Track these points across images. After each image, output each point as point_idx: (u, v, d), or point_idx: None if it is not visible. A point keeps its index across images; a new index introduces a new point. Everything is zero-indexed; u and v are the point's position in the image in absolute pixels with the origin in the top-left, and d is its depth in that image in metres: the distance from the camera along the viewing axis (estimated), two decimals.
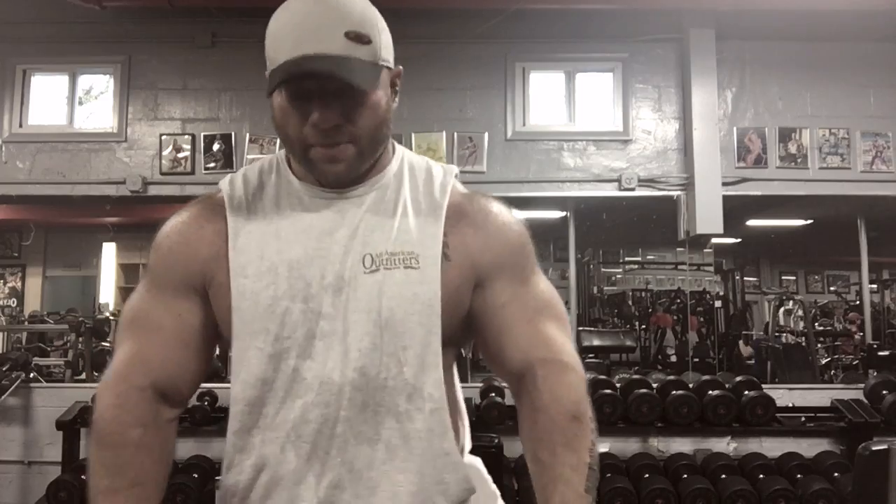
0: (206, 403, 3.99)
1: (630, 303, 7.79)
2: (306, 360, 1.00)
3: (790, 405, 3.99)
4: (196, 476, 3.75)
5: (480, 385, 4.03)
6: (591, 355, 5.59)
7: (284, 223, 1.05)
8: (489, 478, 1.16)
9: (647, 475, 3.68)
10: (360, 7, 1.00)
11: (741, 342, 6.69)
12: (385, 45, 1.03)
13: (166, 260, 1.08)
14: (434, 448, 1.02)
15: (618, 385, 3.94)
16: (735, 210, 4.81)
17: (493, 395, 3.90)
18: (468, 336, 1.12)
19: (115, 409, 1.02)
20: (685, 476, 3.68)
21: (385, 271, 1.01)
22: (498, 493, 1.17)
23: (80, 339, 5.12)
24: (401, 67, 1.08)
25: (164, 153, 4.71)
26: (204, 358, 1.09)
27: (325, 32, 0.96)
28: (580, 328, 6.11)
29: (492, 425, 3.69)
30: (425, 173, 1.11)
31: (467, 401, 1.25)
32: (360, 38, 0.97)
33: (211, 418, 3.93)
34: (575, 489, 0.98)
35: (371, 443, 1.01)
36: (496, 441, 3.26)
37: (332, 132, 0.99)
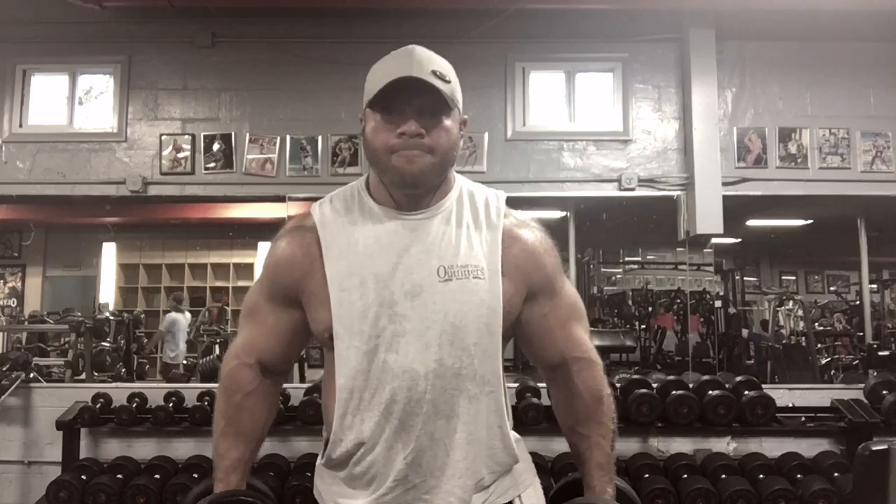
0: (206, 404, 3.99)
1: (630, 303, 7.79)
2: (392, 354, 1.27)
3: (790, 405, 3.98)
4: (196, 476, 3.74)
5: None
6: None
7: (369, 242, 1.31)
8: (528, 455, 1.46)
9: (647, 475, 3.67)
10: (442, 60, 1.30)
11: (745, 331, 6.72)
12: (458, 91, 1.33)
13: (270, 277, 1.40)
14: (490, 422, 1.32)
15: (618, 385, 3.94)
16: (735, 210, 4.80)
17: None
18: (510, 335, 1.41)
19: (229, 378, 1.44)
20: (685, 476, 3.67)
21: (457, 280, 1.28)
22: (533, 466, 1.46)
23: (80, 339, 5.12)
24: (467, 117, 1.39)
25: (164, 153, 4.71)
26: (295, 347, 1.44)
27: (416, 68, 1.25)
28: None
29: None
30: (483, 200, 1.38)
31: None
32: (443, 77, 1.27)
33: (211, 419, 3.92)
34: (604, 450, 1.40)
35: (448, 418, 1.28)
36: None
37: (415, 140, 1.25)
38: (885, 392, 3.89)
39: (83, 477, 3.70)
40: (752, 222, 6.42)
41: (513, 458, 1.35)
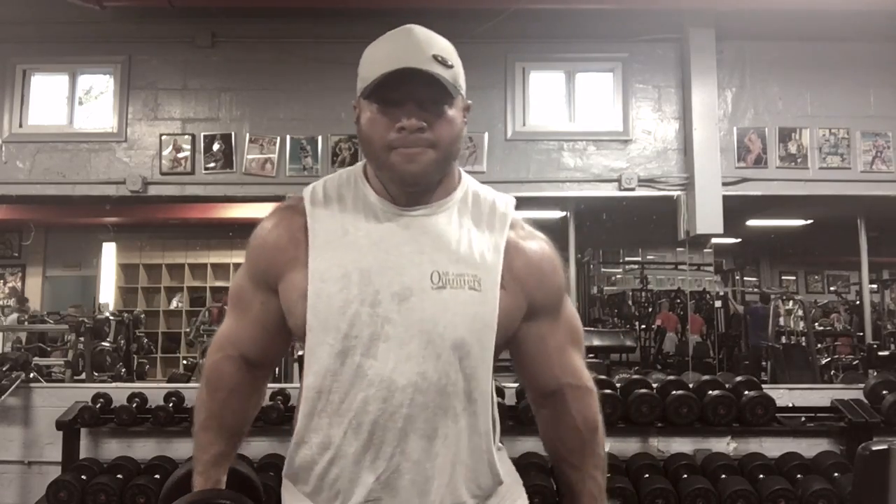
0: None
1: (630, 303, 7.79)
2: (369, 359, 1.15)
3: (790, 405, 3.98)
4: None
5: None
6: (591, 355, 5.59)
7: (360, 234, 1.20)
8: (512, 465, 1.35)
9: (647, 475, 3.67)
10: (443, 41, 1.21)
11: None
12: (462, 76, 1.23)
13: (254, 258, 1.29)
14: (475, 444, 1.20)
15: (618, 385, 3.94)
16: (735, 210, 4.80)
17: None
18: (503, 349, 1.29)
19: (212, 372, 1.35)
20: (685, 476, 3.67)
21: (451, 290, 1.16)
22: (519, 477, 1.36)
23: (81, 339, 5.12)
24: (470, 102, 1.27)
25: (164, 153, 4.70)
26: (280, 340, 1.32)
27: (416, 54, 1.15)
28: None
29: None
30: (490, 204, 1.26)
31: None
32: (444, 62, 1.17)
33: None
34: (598, 481, 1.33)
35: (430, 438, 1.16)
36: None
37: (416, 136, 1.15)
38: (885, 392, 3.89)
39: (83, 477, 3.70)
40: (752, 222, 6.42)
41: (496, 482, 1.25)
